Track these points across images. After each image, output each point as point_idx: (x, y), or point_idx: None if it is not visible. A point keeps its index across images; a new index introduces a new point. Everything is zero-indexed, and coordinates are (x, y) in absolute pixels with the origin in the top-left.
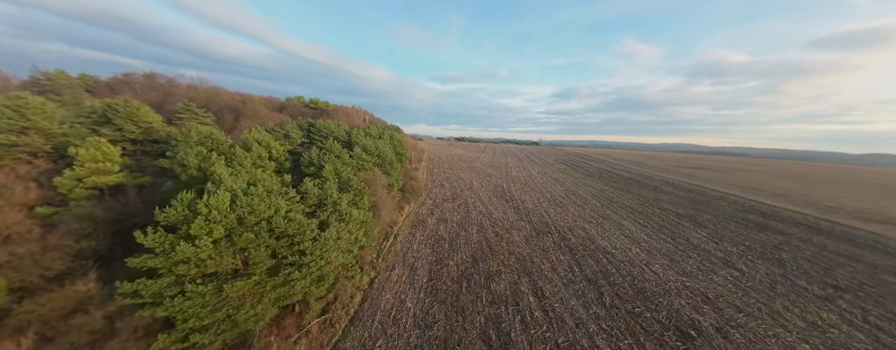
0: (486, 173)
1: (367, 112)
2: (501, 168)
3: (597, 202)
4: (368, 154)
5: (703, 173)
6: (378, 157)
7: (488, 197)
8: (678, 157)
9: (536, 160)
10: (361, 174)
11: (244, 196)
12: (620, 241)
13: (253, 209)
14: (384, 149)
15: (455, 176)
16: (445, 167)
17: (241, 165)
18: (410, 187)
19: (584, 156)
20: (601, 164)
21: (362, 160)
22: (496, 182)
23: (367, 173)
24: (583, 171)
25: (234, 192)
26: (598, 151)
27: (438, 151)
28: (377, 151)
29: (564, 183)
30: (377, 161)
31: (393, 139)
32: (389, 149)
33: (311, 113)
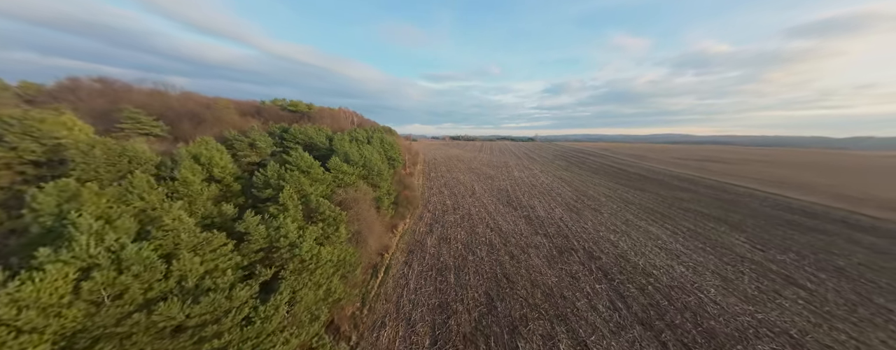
0: (486, 175)
1: (356, 113)
2: (502, 168)
3: (613, 205)
4: (351, 165)
5: (716, 166)
6: (364, 167)
7: (494, 204)
8: (675, 148)
9: (536, 157)
10: (340, 193)
11: (109, 267)
12: (657, 256)
13: (125, 288)
14: (372, 157)
15: (454, 180)
16: (443, 170)
17: (141, 199)
18: (405, 199)
19: (582, 151)
20: (602, 159)
21: (342, 174)
22: (499, 185)
23: (348, 191)
24: (586, 167)
25: (92, 259)
26: (595, 145)
27: (434, 152)
28: (363, 161)
29: (572, 183)
30: (362, 173)
31: (383, 143)
32: (378, 155)
33: (290, 116)
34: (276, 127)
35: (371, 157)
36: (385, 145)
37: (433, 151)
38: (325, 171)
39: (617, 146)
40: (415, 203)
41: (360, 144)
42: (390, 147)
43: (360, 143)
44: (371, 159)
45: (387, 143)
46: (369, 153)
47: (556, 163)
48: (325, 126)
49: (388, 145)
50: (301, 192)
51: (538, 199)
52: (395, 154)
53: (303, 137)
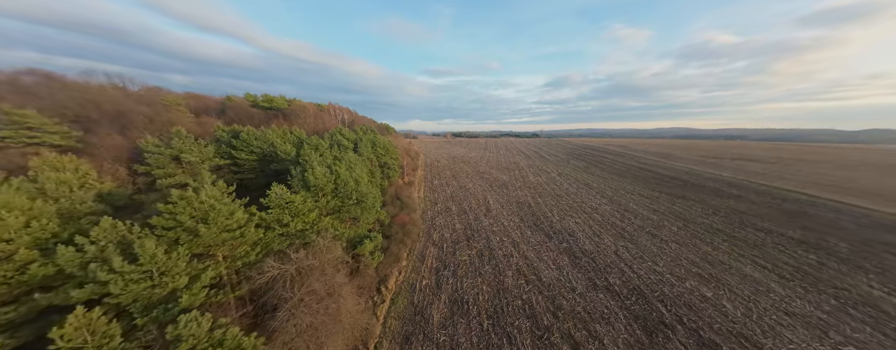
0: (499, 181)
1: (348, 110)
2: (514, 171)
3: (670, 225)
4: (311, 196)
5: (753, 166)
6: (336, 195)
7: (518, 227)
8: (695, 145)
9: (547, 156)
10: (272, 267)
11: None
12: (794, 333)
13: None
14: (350, 175)
15: (462, 189)
16: (447, 175)
17: None
18: (400, 228)
19: (594, 148)
20: (622, 158)
21: (291, 215)
22: (518, 196)
23: (295, 256)
24: (609, 168)
25: None
26: (605, 142)
27: (436, 152)
28: (334, 186)
29: (602, 190)
30: (332, 205)
31: (376, 147)
32: (364, 169)
33: (263, 115)
34: (224, 131)
35: (348, 176)
36: (377, 150)
37: (435, 151)
38: (237, 231)
39: (629, 142)
40: (414, 233)
41: (341, 152)
42: (384, 151)
43: (342, 150)
44: (347, 181)
45: (380, 146)
46: (347, 171)
47: (572, 163)
48: (302, 126)
49: (381, 149)
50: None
51: (572, 216)
52: (390, 159)
53: (259, 144)
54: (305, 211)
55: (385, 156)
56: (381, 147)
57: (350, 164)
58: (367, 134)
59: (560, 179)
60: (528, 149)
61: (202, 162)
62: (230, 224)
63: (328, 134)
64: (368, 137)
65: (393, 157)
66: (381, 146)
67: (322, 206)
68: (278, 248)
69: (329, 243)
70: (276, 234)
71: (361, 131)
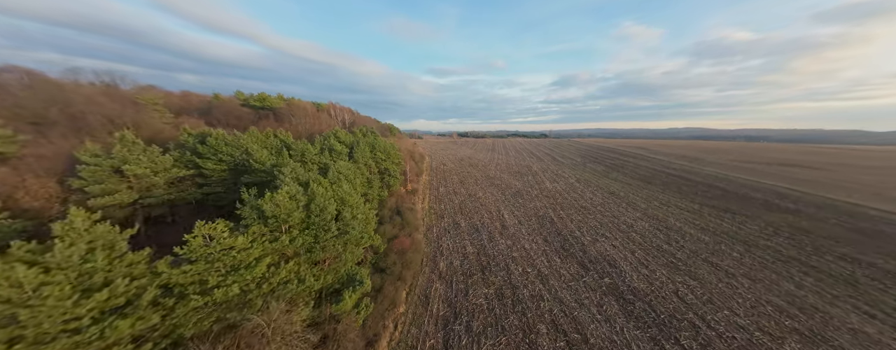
0: (512, 188)
1: (349, 110)
2: (527, 175)
3: (730, 250)
4: (268, 231)
5: (798, 172)
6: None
7: (544, 253)
8: (715, 146)
9: (560, 159)
10: None
11: None
12: None
13: None
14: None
15: (472, 199)
16: (454, 180)
17: None
18: (398, 255)
19: (610, 149)
20: (645, 162)
21: (203, 294)
22: (536, 208)
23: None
24: (633, 174)
25: None
26: (619, 143)
27: (442, 153)
28: (304, 214)
29: (632, 201)
30: (304, 241)
31: (375, 151)
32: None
33: (253, 115)
34: (190, 135)
35: (326, 199)
36: (377, 155)
37: (441, 152)
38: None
39: (646, 143)
40: (416, 262)
41: (333, 158)
42: (385, 156)
43: (334, 157)
44: (324, 207)
45: (380, 150)
46: (328, 190)
47: (590, 167)
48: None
49: (381, 154)
50: None
51: (607, 237)
52: (391, 165)
53: (230, 151)
54: (250, 261)
55: (386, 161)
56: (382, 151)
57: (337, 178)
58: (365, 136)
59: (580, 187)
60: (538, 150)
61: (156, 174)
62: (77, 312)
63: (320, 138)
64: (367, 141)
65: (395, 162)
66: (382, 150)
67: (282, 247)
68: (192, 332)
69: (281, 317)
70: (189, 310)
71: (360, 134)
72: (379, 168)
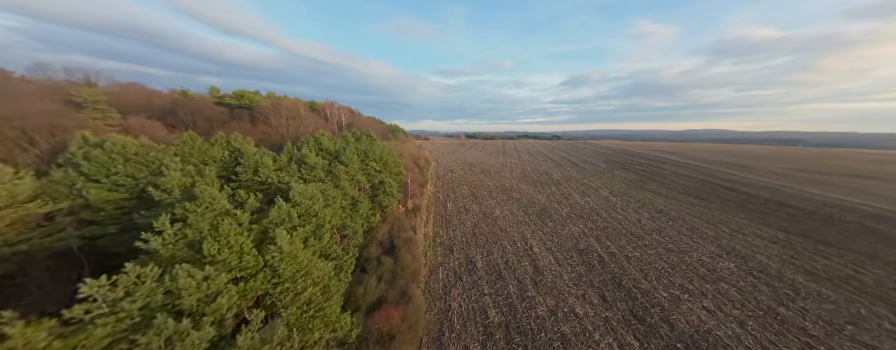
0: (535, 204)
1: (349, 109)
2: (549, 186)
3: (879, 320)
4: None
5: (878, 186)
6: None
7: (609, 328)
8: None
9: (583, 165)
10: None
11: None
12: None
13: None
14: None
15: (487, 218)
16: (464, 192)
17: None
18: (381, 345)
19: (635, 153)
20: (684, 169)
21: None
22: (572, 234)
23: None
24: (675, 185)
25: None
26: (646, 146)
27: (449, 157)
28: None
29: (692, 225)
30: None
31: (368, 161)
32: (298, 243)
33: (226, 115)
34: (84, 145)
35: (282, 261)
36: (370, 165)
37: (448, 156)
38: None
39: (668, 146)
40: (416, 327)
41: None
42: (381, 166)
43: (304, 172)
44: (286, 269)
45: (375, 158)
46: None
47: (620, 175)
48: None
49: (375, 164)
50: None
51: (691, 292)
52: (388, 176)
53: (131, 169)
54: None
55: (381, 173)
56: (376, 161)
57: (283, 222)
58: (359, 141)
59: (618, 202)
60: (553, 153)
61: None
62: None
63: (288, 147)
64: (359, 147)
65: (393, 174)
66: (377, 159)
67: None
68: None
69: None
70: None
71: (353, 138)
72: (371, 183)
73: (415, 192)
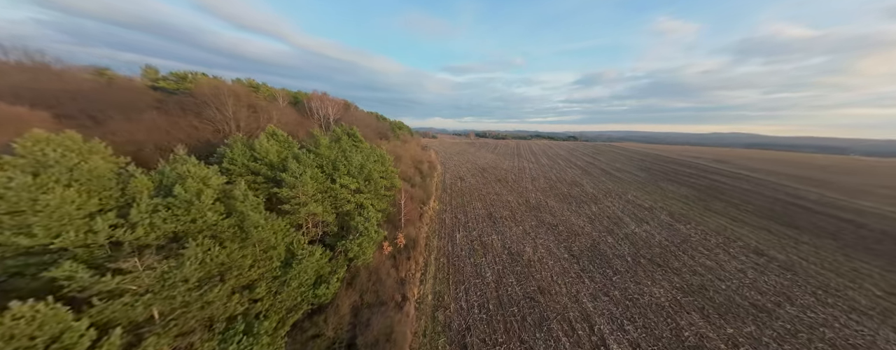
0: (582, 237)
1: (344, 102)
2: (586, 204)
3: None
4: None
5: None
6: None
7: None
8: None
9: (616, 173)
10: None
11: None
12: None
13: None
14: None
15: (516, 266)
16: (478, 212)
17: None
18: None
19: (670, 159)
20: (745, 183)
21: None
22: (662, 307)
23: None
24: (748, 206)
25: None
26: (671, 150)
27: (458, 159)
28: None
29: (827, 284)
30: None
31: (336, 175)
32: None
33: (147, 102)
34: None
35: None
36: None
37: (456, 157)
38: None
39: (701, 151)
40: None
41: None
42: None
43: (147, 218)
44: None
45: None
46: None
47: (667, 188)
48: (219, 126)
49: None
50: None
51: None
52: (370, 199)
53: None
54: None
55: (361, 193)
56: (355, 174)
57: None
58: (327, 149)
59: (691, 233)
60: (575, 157)
61: None
62: None
63: (173, 160)
64: (322, 159)
65: (379, 193)
66: (355, 172)
67: None
68: None
69: None
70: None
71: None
72: (339, 211)
73: (411, 215)
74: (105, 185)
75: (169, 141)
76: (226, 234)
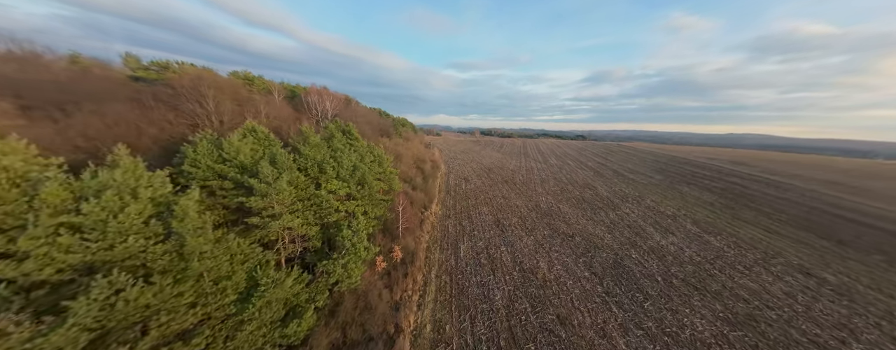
0: (604, 252)
1: (345, 97)
2: (603, 210)
3: None
4: None
5: None
6: None
7: None
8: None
9: (629, 175)
10: None
11: None
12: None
13: None
14: None
15: (530, 287)
16: (485, 219)
17: None
18: None
19: (685, 161)
20: (770, 188)
21: None
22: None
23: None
24: (775, 215)
25: None
26: (683, 150)
27: (462, 159)
28: None
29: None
30: None
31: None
32: None
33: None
34: None
35: None
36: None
37: (461, 157)
38: None
39: (716, 152)
40: None
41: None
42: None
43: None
44: None
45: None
46: None
47: (688, 192)
48: (137, 124)
49: (343, 185)
50: None
51: None
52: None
53: None
54: None
55: (354, 200)
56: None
57: None
58: (314, 149)
59: (724, 247)
60: (585, 157)
61: None
62: None
63: (112, 161)
64: (312, 155)
65: (375, 199)
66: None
67: None
68: None
69: None
70: None
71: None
72: (323, 222)
73: (410, 223)
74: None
75: (139, 137)
76: (158, 263)
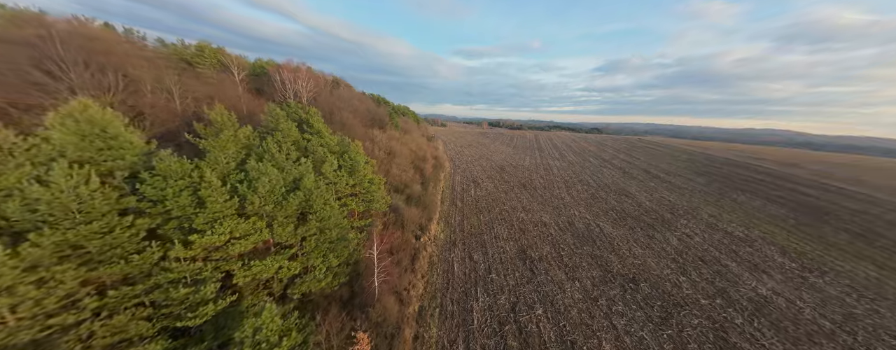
0: (699, 318)
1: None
2: (655, 228)
3: None
4: None
5: None
6: None
7: None
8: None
9: (667, 177)
10: None
11: None
12: None
13: None
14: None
15: None
16: (498, 235)
17: None
18: None
19: (722, 161)
20: (844, 199)
21: None
22: None
23: None
24: (883, 244)
25: None
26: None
27: (470, 154)
28: None
29: None
30: None
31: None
32: None
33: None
34: None
35: None
36: (188, 258)
37: (468, 151)
38: None
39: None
40: None
41: None
42: (299, 215)
43: None
44: None
45: (283, 197)
46: None
47: (747, 203)
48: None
49: (262, 214)
50: None
51: None
52: (302, 259)
53: None
54: None
55: (280, 253)
56: (251, 215)
57: None
58: (177, 165)
59: (850, 299)
60: (607, 153)
61: None
62: None
63: None
64: (159, 185)
65: (330, 238)
66: (254, 210)
67: None
68: None
69: None
70: None
71: (221, 131)
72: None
73: (393, 274)
74: None
75: None
76: None
